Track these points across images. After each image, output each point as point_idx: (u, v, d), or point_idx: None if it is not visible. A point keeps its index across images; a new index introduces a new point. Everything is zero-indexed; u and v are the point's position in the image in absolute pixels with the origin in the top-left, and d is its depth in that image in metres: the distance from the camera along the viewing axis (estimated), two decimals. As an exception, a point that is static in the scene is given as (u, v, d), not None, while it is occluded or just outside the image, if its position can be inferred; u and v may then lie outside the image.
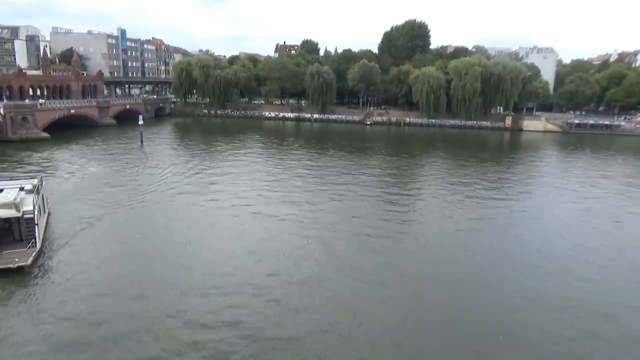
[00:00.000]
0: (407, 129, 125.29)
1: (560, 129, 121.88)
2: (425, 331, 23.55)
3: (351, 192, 50.54)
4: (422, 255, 33.84)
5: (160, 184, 51.25)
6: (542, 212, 45.92)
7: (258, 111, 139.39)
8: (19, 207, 30.33)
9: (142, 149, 75.89)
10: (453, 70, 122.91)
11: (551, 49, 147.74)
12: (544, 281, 29.37)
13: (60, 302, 24.82)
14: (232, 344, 21.58)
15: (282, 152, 77.75)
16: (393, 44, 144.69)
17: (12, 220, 31.08)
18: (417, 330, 23.66)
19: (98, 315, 23.57)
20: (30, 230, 30.45)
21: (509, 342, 22.69)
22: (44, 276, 27.76)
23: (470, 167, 68.73)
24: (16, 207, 30.24)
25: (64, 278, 27.46)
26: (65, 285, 26.66)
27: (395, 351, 21.73)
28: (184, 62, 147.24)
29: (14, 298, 25.27)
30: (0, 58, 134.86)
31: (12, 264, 27.62)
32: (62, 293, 25.78)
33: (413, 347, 22.17)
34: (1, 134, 75.98)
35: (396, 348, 21.93)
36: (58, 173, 55.52)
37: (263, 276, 28.65)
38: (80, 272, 28.19)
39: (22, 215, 30.33)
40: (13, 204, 30.37)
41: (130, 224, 38.06)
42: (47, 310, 23.95)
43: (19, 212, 30.17)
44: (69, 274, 28.04)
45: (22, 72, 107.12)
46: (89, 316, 23.48)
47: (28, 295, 25.66)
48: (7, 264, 27.65)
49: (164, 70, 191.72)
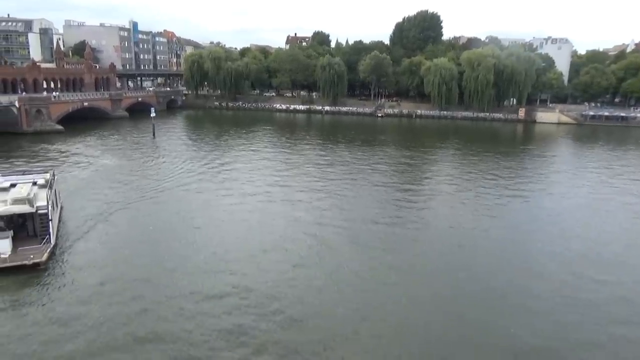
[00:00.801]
0: (418, 121, 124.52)
1: (574, 121, 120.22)
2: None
3: (363, 184, 50.51)
4: (437, 245, 33.78)
5: (173, 176, 51.51)
6: (555, 205, 45.45)
7: (269, 103, 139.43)
8: (32, 202, 30.04)
9: (154, 141, 76.40)
10: (465, 62, 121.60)
11: (566, 40, 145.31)
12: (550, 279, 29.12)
13: (77, 299, 24.54)
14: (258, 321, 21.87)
15: (293, 144, 77.76)
16: (405, 35, 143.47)
17: (25, 216, 30.79)
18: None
19: (114, 312, 23.27)
20: (44, 225, 30.09)
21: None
22: (60, 273, 27.44)
23: (483, 159, 68.15)
24: (30, 203, 29.96)
25: (80, 274, 27.22)
26: (81, 281, 26.40)
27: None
28: (195, 54, 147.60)
29: (30, 295, 25.00)
30: (14, 51, 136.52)
31: (27, 261, 27.32)
32: (79, 290, 25.50)
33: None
34: (16, 127, 76.86)
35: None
36: (72, 165, 56.03)
37: (285, 265, 29.24)
38: (95, 268, 27.97)
39: (36, 210, 29.98)
40: (27, 199, 30.06)
41: (143, 218, 37.91)
42: (64, 308, 23.62)
43: (33, 208, 29.85)
44: (84, 270, 27.80)
45: (36, 65, 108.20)
46: (105, 313, 23.18)
47: (44, 292, 25.33)
48: (23, 261, 27.34)
49: (176, 63, 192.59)
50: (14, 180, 34.94)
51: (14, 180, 35.16)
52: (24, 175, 37.30)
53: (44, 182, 34.50)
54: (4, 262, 27.11)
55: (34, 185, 33.27)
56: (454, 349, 21.52)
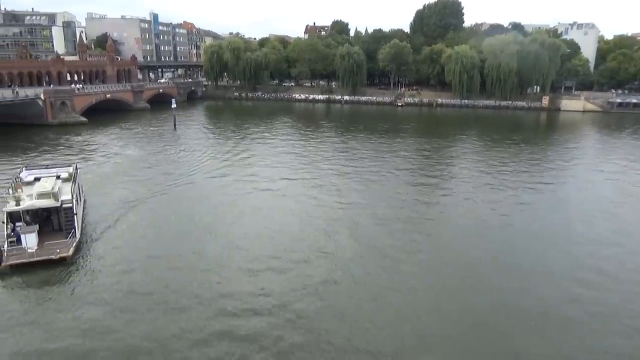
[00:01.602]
0: (439, 110, 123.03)
1: (600, 109, 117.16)
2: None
3: (383, 174, 50.28)
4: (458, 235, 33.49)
5: (194, 168, 51.98)
6: (581, 197, 44.58)
7: (288, 93, 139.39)
8: (57, 196, 30.11)
9: (176, 132, 77.23)
10: (487, 49, 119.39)
11: (592, 25, 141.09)
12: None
13: (104, 294, 24.45)
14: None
15: (312, 134, 77.71)
16: (425, 23, 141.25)
17: (50, 210, 30.76)
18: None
19: (141, 306, 23.28)
20: (69, 220, 30.08)
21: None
22: (86, 267, 27.41)
23: (505, 149, 67.06)
24: (55, 197, 30.01)
25: (106, 269, 27.12)
26: (108, 276, 26.29)
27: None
28: (214, 45, 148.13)
29: (57, 290, 24.97)
30: (39, 44, 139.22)
31: (54, 255, 27.32)
32: (106, 285, 25.38)
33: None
34: (42, 119, 78.53)
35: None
36: (96, 157, 57.05)
37: (309, 250, 29.91)
38: (121, 262, 27.88)
39: (61, 204, 29.99)
40: (52, 193, 30.14)
41: (166, 210, 37.89)
42: (93, 303, 23.58)
43: (58, 202, 29.89)
44: (110, 264, 27.69)
45: (60, 58, 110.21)
46: (132, 308, 23.18)
47: (72, 287, 25.32)
48: (49, 255, 27.33)
49: (195, 54, 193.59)
50: (38, 174, 35.21)
51: (37, 174, 35.42)
52: (47, 169, 37.58)
53: (67, 176, 34.78)
54: (32, 256, 27.18)
55: (57, 179, 33.50)
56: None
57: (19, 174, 35.04)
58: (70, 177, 34.56)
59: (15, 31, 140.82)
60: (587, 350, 21.05)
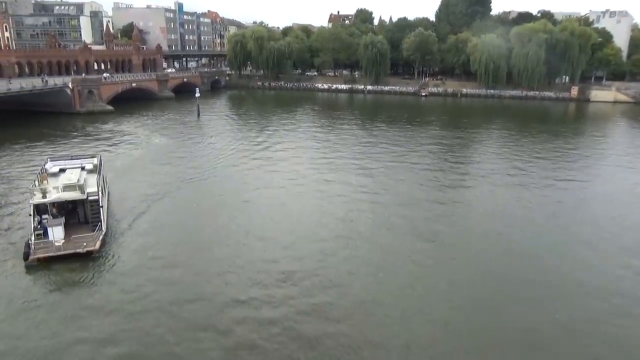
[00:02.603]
0: (464, 100, 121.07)
1: (632, 100, 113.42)
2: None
3: (406, 165, 49.96)
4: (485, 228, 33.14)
5: (217, 158, 52.15)
6: (610, 193, 43.47)
7: (311, 83, 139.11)
8: (83, 188, 29.55)
9: (199, 121, 78.07)
10: (515, 38, 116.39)
11: (626, 12, 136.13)
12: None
13: (133, 288, 24.01)
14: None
15: (335, 124, 77.41)
16: (451, 11, 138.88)
17: (76, 202, 30.19)
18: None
19: (170, 299, 22.93)
20: (95, 212, 29.63)
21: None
22: (113, 261, 26.95)
23: (532, 141, 65.69)
24: (81, 189, 29.45)
25: (134, 262, 26.76)
26: (136, 270, 25.92)
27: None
28: (238, 34, 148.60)
29: (85, 285, 24.63)
30: (67, 34, 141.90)
31: (80, 249, 26.93)
32: (134, 279, 24.96)
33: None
34: (70, 107, 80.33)
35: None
36: (121, 146, 57.98)
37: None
38: (149, 256, 27.45)
39: (87, 197, 29.45)
40: (77, 185, 29.58)
41: (191, 201, 37.56)
42: (123, 298, 23.11)
43: (84, 194, 29.31)
44: (138, 257, 27.35)
45: (87, 47, 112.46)
46: (165, 301, 22.81)
47: (100, 281, 24.95)
48: (76, 249, 26.90)
49: (219, 43, 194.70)
50: (63, 165, 34.97)
51: (62, 165, 35.26)
52: (72, 160, 37.20)
53: (92, 167, 34.54)
54: (59, 250, 26.80)
55: (82, 171, 33.19)
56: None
57: (44, 165, 34.84)
58: (95, 169, 34.36)
59: (44, 21, 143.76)
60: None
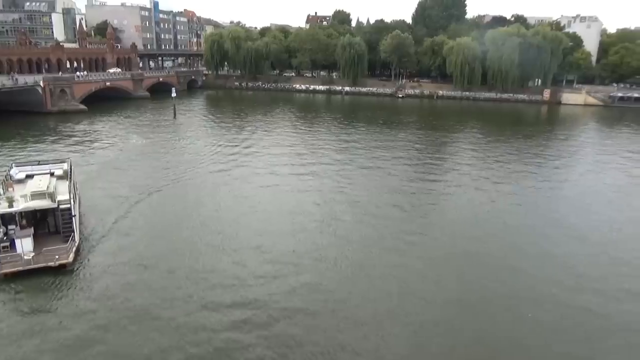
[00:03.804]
0: (440, 101, 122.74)
1: (601, 103, 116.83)
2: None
3: (382, 165, 50.35)
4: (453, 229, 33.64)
5: (194, 159, 51.13)
6: (577, 191, 44.68)
7: (289, 84, 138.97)
8: (53, 196, 27.60)
9: (176, 121, 77.10)
10: (489, 41, 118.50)
11: (595, 18, 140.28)
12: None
13: (109, 306, 22.20)
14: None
15: (313, 125, 77.54)
16: (427, 14, 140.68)
17: (46, 211, 28.20)
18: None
19: (148, 318, 21.43)
20: (67, 222, 27.30)
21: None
22: (88, 275, 25.02)
23: (505, 142, 67.05)
24: (51, 197, 27.51)
25: (110, 277, 24.83)
26: (112, 285, 23.97)
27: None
28: (215, 34, 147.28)
29: (59, 302, 22.61)
30: (38, 31, 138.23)
31: (52, 262, 24.79)
32: (110, 295, 23.07)
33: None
34: (41, 106, 78.22)
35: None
36: (95, 147, 56.54)
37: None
38: (126, 268, 25.73)
39: (58, 205, 27.21)
40: (47, 193, 27.54)
41: (169, 206, 36.16)
42: (100, 316, 21.42)
43: (55, 203, 27.27)
44: (114, 271, 25.42)
45: (59, 45, 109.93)
46: (139, 321, 21.25)
47: (74, 297, 22.99)
48: (48, 262, 24.76)
49: (196, 43, 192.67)
50: (29, 171, 32.70)
51: (29, 171, 32.96)
52: (39, 166, 34.74)
53: (62, 173, 32.69)
54: (28, 263, 24.63)
55: (51, 177, 31.18)
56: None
57: (9, 172, 32.55)
58: (65, 175, 32.45)
59: (14, 17, 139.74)
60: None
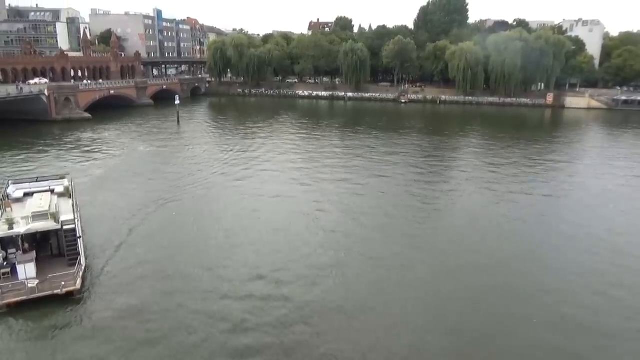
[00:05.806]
0: (443, 106, 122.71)
1: (605, 106, 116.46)
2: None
3: (387, 171, 50.27)
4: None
5: (199, 168, 50.27)
6: (585, 196, 44.48)
7: (292, 90, 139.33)
8: (57, 217, 25.38)
9: (179, 128, 77.38)
10: (492, 46, 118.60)
11: (598, 21, 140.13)
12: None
13: (128, 334, 20.76)
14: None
15: (316, 132, 77.66)
16: (429, 19, 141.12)
17: (49, 233, 25.83)
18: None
19: (164, 349, 19.91)
20: (72, 244, 25.23)
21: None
22: (98, 302, 23.09)
23: (509, 146, 66.85)
24: (54, 218, 25.25)
25: (124, 303, 23.00)
26: (128, 313, 22.26)
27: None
28: (218, 41, 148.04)
29: (68, 334, 20.73)
30: (43, 41, 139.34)
31: (59, 290, 22.69)
32: (127, 322, 21.55)
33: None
34: (46, 115, 78.63)
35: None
36: (99, 156, 56.44)
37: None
38: (140, 297, 23.70)
39: (62, 226, 25.13)
40: (50, 213, 25.34)
41: (177, 224, 33.74)
42: (114, 348, 19.81)
43: (59, 224, 25.14)
44: (127, 297, 23.57)
45: (64, 54, 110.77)
46: (164, 351, 19.82)
47: (86, 329, 21.05)
48: (54, 290, 22.65)
49: (199, 50, 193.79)
50: (28, 189, 30.64)
51: (27, 188, 30.86)
52: (37, 182, 32.49)
53: (63, 190, 30.49)
54: (33, 292, 22.45)
55: (52, 195, 29.23)
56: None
57: (6, 190, 30.50)
58: (67, 192, 30.28)
59: (19, 27, 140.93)
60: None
